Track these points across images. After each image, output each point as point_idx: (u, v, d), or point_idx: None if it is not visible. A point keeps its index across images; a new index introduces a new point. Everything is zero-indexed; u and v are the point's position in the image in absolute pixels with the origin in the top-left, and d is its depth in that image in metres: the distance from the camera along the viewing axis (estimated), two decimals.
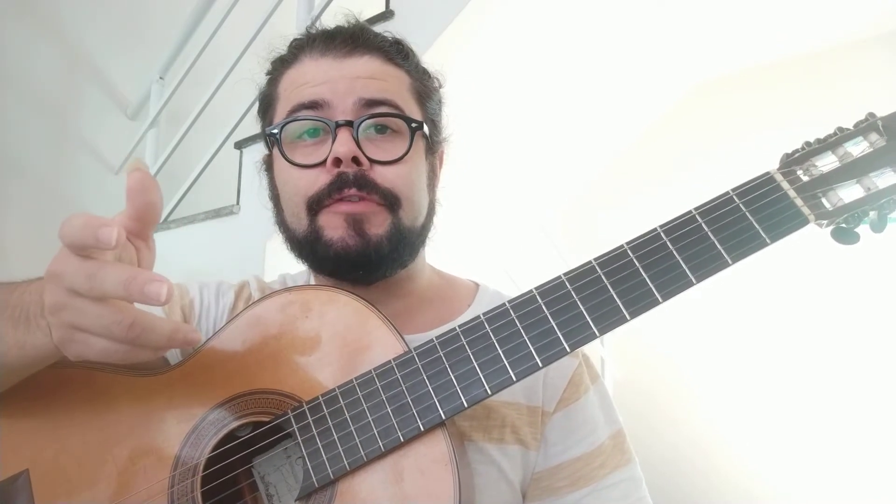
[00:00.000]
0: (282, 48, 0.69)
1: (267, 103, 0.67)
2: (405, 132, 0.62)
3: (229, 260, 1.82)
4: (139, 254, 0.46)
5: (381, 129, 0.61)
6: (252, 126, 1.80)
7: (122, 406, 0.54)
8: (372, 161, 0.59)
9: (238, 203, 1.82)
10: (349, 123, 0.59)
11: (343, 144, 0.57)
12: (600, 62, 2.33)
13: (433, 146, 0.68)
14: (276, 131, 0.61)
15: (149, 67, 2.36)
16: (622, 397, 2.92)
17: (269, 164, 0.67)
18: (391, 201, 0.60)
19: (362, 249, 0.58)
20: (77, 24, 2.32)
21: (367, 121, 0.60)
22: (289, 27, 1.79)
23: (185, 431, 0.52)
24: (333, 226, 0.59)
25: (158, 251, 0.50)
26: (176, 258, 1.98)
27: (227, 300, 0.68)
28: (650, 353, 3.19)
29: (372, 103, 0.60)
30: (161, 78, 2.35)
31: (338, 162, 0.58)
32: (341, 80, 0.60)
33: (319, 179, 0.59)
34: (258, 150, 1.83)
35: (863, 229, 0.49)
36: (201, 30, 2.15)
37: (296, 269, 0.73)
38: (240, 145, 1.87)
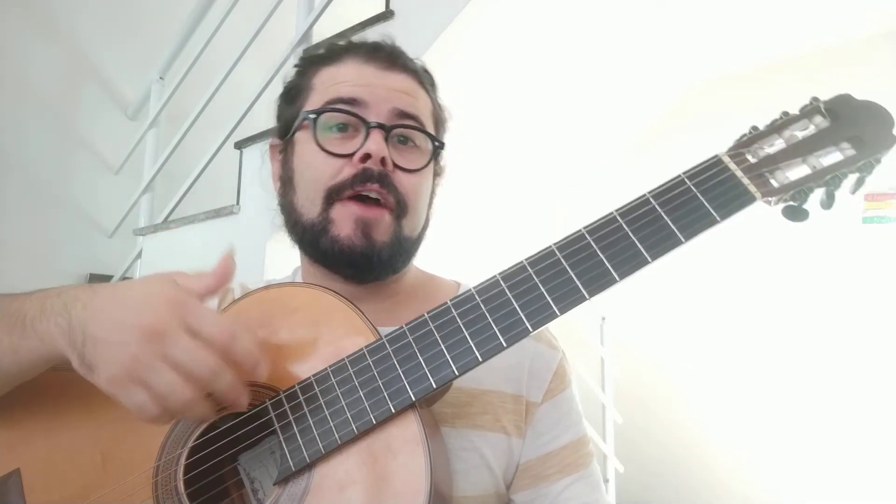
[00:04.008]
0: (287, 48, 0.72)
1: (296, 92, 0.69)
2: (426, 149, 0.66)
3: None
4: None
5: (404, 141, 0.65)
6: (252, 126, 1.81)
7: (111, 404, 0.53)
8: (395, 166, 0.63)
9: (238, 203, 1.82)
10: (381, 127, 0.62)
11: (376, 143, 0.61)
12: (600, 62, 2.33)
13: (438, 170, 0.73)
14: (313, 116, 0.63)
15: (149, 67, 2.37)
16: (622, 397, 2.92)
17: (283, 147, 0.69)
18: (401, 208, 0.63)
19: (365, 251, 0.61)
20: (77, 25, 2.32)
21: (399, 129, 0.64)
22: (288, 28, 1.79)
23: (168, 425, 0.54)
24: (343, 223, 0.61)
25: (159, 251, 0.50)
26: (176, 258, 1.98)
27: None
28: (650, 353, 3.19)
29: (404, 115, 0.64)
30: (161, 78, 2.35)
31: (365, 158, 0.61)
32: (381, 88, 0.64)
33: (344, 170, 0.62)
34: (258, 150, 1.84)
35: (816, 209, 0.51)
36: (201, 30, 2.15)
37: (282, 274, 0.76)
38: (240, 145, 1.87)
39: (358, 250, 0.61)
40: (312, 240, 0.63)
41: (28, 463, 0.54)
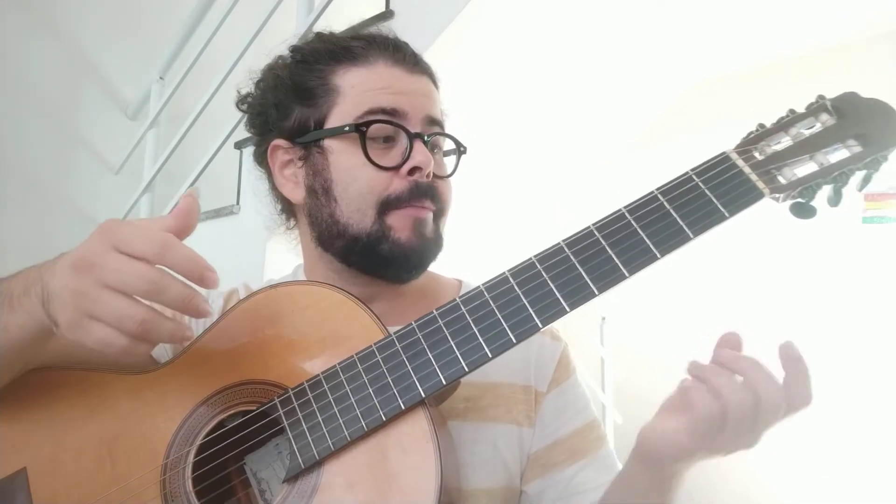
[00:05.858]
0: (283, 47, 0.71)
1: (312, 92, 0.65)
2: (450, 152, 0.69)
3: (229, 260, 1.81)
4: None
5: (432, 147, 0.66)
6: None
7: (117, 403, 0.55)
8: (435, 175, 0.65)
9: (238, 203, 1.82)
10: (419, 136, 0.63)
11: (423, 154, 0.62)
12: (600, 62, 2.33)
13: None
14: (364, 129, 0.62)
15: (149, 67, 2.36)
16: (622, 397, 2.92)
17: (307, 155, 0.66)
18: (440, 212, 0.66)
19: (421, 250, 0.63)
20: (77, 24, 2.32)
21: (434, 137, 0.65)
22: (288, 28, 1.79)
23: (176, 423, 0.54)
24: (402, 227, 0.62)
25: None
26: None
27: (216, 307, 0.69)
28: (650, 353, 3.19)
29: (433, 122, 0.66)
30: (161, 78, 2.35)
31: (413, 171, 0.62)
32: (415, 96, 0.65)
33: (394, 183, 0.62)
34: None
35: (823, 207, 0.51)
36: (201, 30, 2.15)
37: (280, 274, 0.76)
38: (240, 145, 1.87)
39: (416, 251, 0.63)
40: (367, 248, 0.62)
41: (33, 461, 0.54)
